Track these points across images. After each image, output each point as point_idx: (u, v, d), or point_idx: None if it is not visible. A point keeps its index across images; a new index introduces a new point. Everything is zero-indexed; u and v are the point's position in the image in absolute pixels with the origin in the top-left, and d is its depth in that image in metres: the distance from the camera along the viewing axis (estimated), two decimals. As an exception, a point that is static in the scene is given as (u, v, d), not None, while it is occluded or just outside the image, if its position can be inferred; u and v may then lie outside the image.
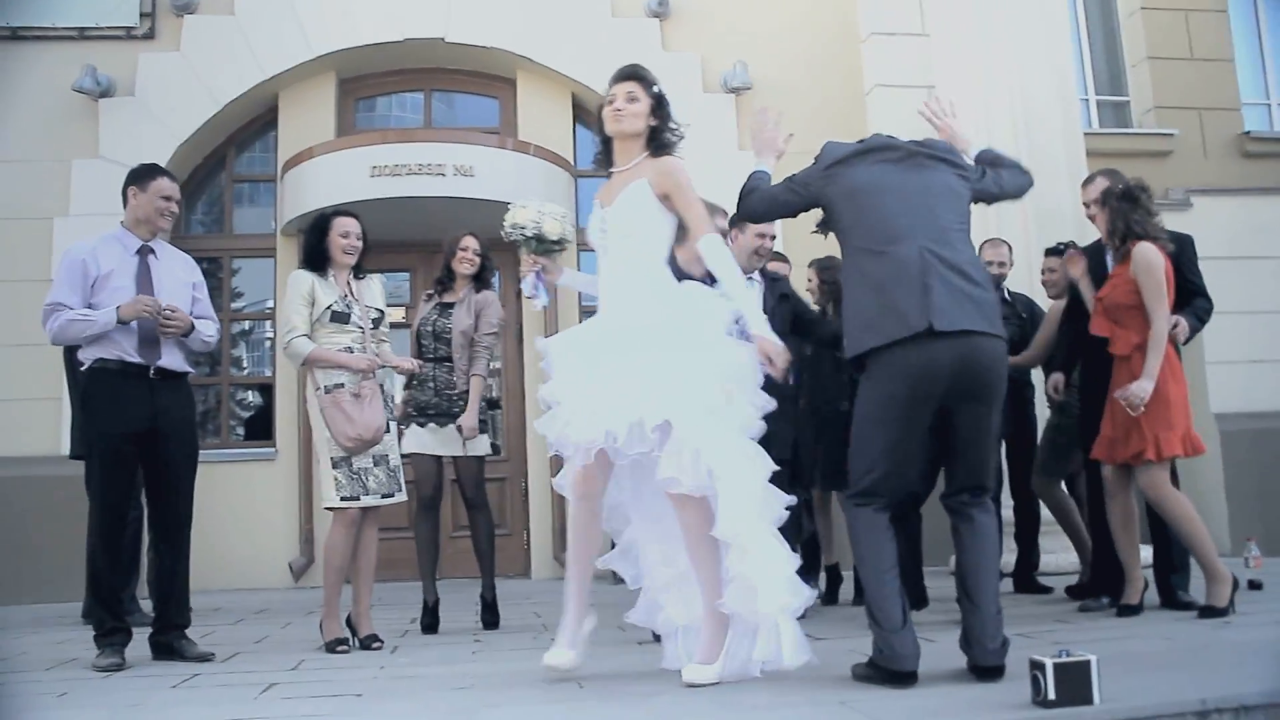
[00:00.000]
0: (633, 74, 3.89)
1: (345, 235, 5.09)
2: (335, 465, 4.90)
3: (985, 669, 3.37)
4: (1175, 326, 4.89)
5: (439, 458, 5.65)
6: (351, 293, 5.09)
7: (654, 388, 3.54)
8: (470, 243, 5.74)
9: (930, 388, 3.44)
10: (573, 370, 3.75)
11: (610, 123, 3.86)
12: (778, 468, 3.75)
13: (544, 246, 4.19)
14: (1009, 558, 6.44)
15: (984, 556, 3.53)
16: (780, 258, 6.28)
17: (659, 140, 3.87)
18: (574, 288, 4.41)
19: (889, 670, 3.35)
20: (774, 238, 5.58)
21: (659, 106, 3.87)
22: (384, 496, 5.00)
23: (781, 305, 5.50)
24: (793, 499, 3.77)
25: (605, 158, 3.99)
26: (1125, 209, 4.84)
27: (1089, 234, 6.01)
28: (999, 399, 3.58)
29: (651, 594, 3.90)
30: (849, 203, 3.65)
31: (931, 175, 3.69)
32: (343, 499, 4.90)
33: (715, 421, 3.57)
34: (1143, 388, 4.67)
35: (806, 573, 5.78)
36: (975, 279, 3.52)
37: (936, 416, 3.54)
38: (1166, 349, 4.75)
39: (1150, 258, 4.77)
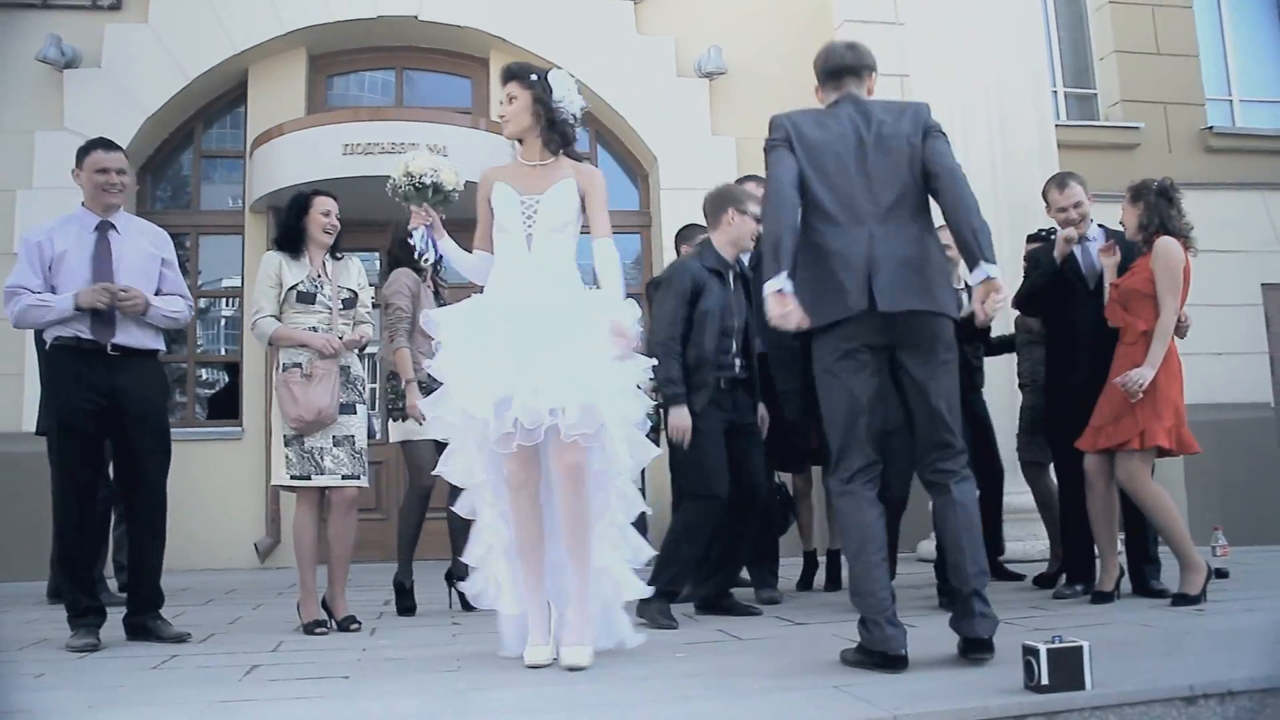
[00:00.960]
0: (507, 75, 4.05)
1: (326, 214, 5.07)
2: (287, 444, 4.88)
3: (976, 640, 3.40)
4: (1185, 319, 5.02)
5: (438, 443, 5.62)
6: (325, 273, 5.06)
7: (599, 374, 3.65)
8: None
9: (867, 347, 3.52)
10: (483, 348, 3.73)
11: (504, 130, 4.08)
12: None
13: (439, 197, 4.14)
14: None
15: (964, 531, 3.52)
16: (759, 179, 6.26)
17: (556, 127, 3.98)
18: (449, 256, 4.24)
19: (881, 654, 3.37)
20: None
21: (541, 92, 3.97)
22: (345, 478, 4.94)
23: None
24: (646, 507, 3.97)
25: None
26: (1163, 205, 4.95)
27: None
28: (945, 349, 3.59)
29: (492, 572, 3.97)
30: (806, 154, 3.63)
31: (893, 134, 3.65)
32: (293, 477, 4.87)
33: (629, 417, 3.78)
34: (1143, 374, 4.77)
35: (772, 563, 5.81)
36: (926, 255, 3.55)
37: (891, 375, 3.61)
38: (1170, 343, 4.86)
39: (1173, 251, 4.89)
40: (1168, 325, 4.83)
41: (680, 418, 4.82)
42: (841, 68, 3.84)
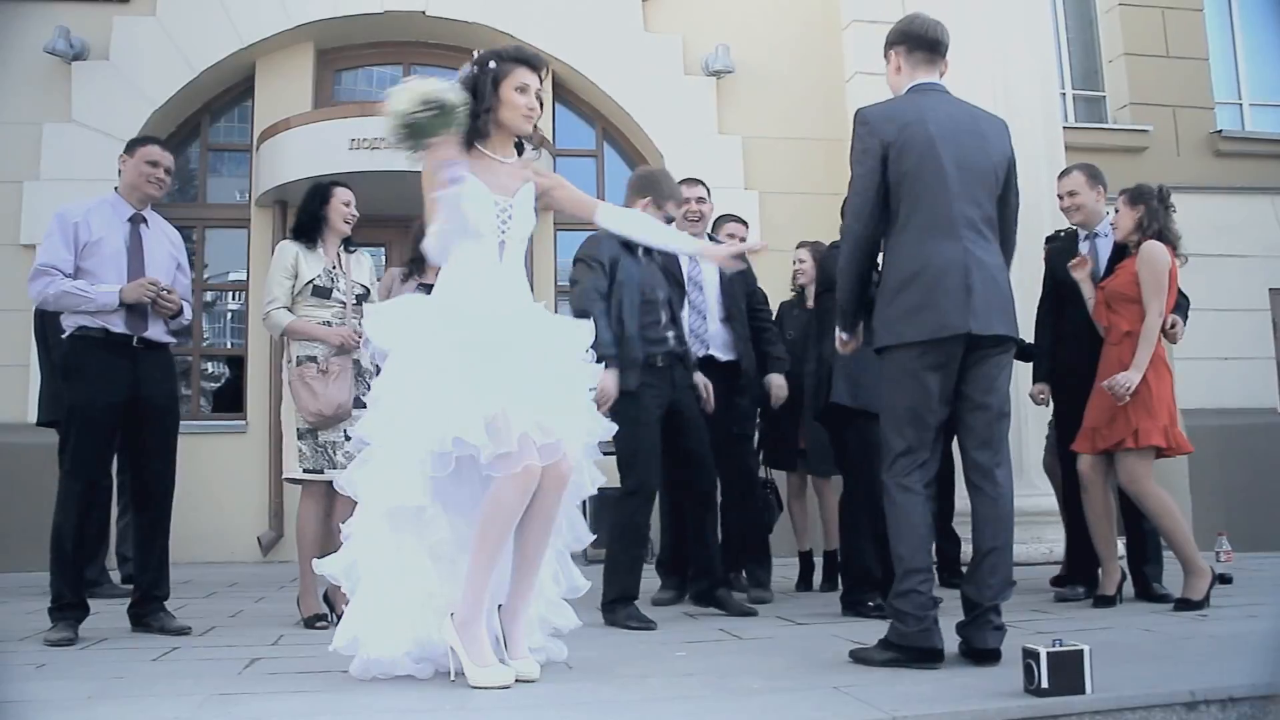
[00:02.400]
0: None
1: (347, 204, 5.13)
2: (300, 437, 4.89)
3: (985, 651, 3.43)
4: (1174, 326, 5.05)
5: None
6: (340, 265, 5.09)
7: (578, 394, 3.55)
8: None
9: (953, 343, 3.50)
10: (456, 364, 3.33)
11: (531, 120, 3.66)
12: None
13: (457, 120, 3.47)
14: (969, 548, 6.46)
15: (1004, 544, 3.56)
16: (739, 220, 6.27)
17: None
18: None
19: (918, 649, 3.39)
20: (701, 200, 5.72)
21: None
22: None
23: (739, 272, 5.56)
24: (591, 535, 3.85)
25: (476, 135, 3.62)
26: (1161, 211, 4.99)
27: (1065, 226, 6.05)
28: (1009, 356, 3.66)
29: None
30: (903, 158, 3.56)
31: (985, 154, 3.65)
32: (305, 470, 4.89)
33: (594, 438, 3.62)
34: (1129, 377, 4.78)
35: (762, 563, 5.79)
36: (1005, 278, 3.60)
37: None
38: (1156, 345, 4.86)
39: (1159, 254, 4.91)
40: (1153, 328, 4.85)
41: (607, 380, 4.35)
42: (938, 42, 3.80)
